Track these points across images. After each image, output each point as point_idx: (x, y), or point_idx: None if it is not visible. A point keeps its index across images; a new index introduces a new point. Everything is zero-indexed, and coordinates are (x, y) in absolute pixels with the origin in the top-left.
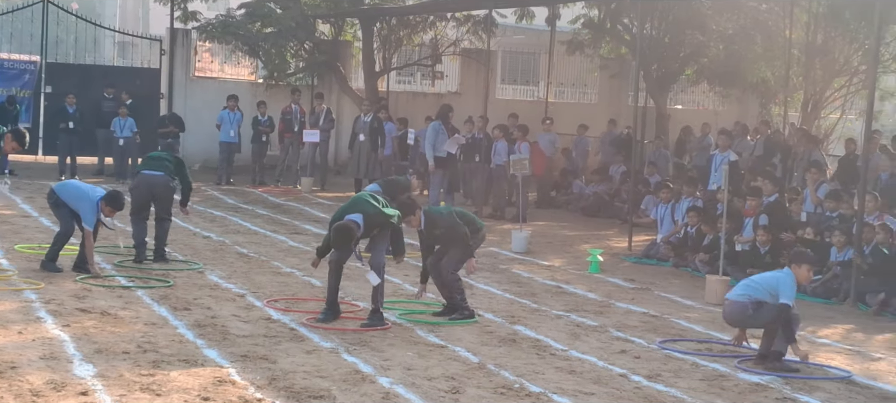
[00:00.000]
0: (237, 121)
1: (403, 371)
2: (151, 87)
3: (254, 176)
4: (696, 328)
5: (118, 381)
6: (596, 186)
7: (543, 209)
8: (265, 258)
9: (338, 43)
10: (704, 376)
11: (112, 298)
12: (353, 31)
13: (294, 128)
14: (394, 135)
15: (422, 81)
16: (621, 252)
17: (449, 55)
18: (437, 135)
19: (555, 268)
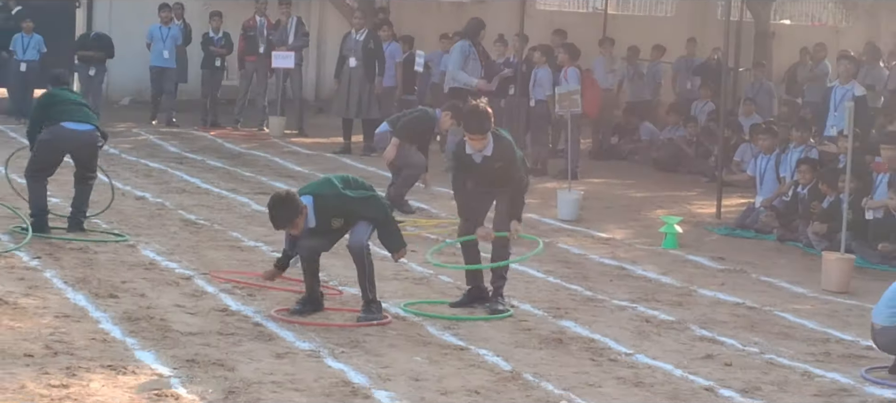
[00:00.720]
0: (173, 37)
1: (409, 382)
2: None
3: (205, 114)
4: (807, 324)
5: (17, 395)
6: (673, 130)
7: (601, 161)
8: (220, 226)
9: None
10: (820, 390)
11: (11, 281)
12: None
13: (259, 50)
14: (397, 60)
15: None
16: (708, 220)
17: None
18: (465, 59)
19: (616, 243)
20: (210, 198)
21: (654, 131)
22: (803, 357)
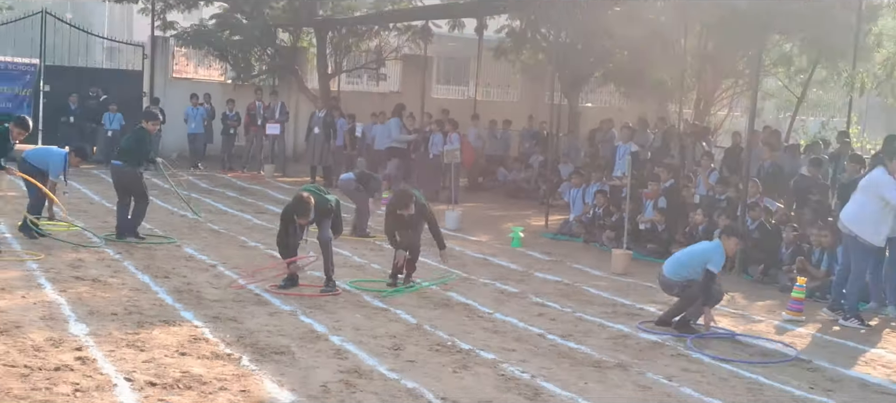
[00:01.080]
0: (201, 115)
1: (353, 330)
2: (135, 88)
3: (223, 163)
4: (603, 294)
5: (108, 339)
6: (517, 173)
7: (472, 192)
8: (233, 233)
9: (296, 49)
10: (610, 335)
11: (102, 267)
12: (309, 39)
13: (258, 122)
14: (344, 129)
15: (368, 82)
16: (539, 229)
17: (391, 59)
18: (399, 128)
19: (482, 243)
20: (226, 216)
21: (505, 174)
22: (600, 315)
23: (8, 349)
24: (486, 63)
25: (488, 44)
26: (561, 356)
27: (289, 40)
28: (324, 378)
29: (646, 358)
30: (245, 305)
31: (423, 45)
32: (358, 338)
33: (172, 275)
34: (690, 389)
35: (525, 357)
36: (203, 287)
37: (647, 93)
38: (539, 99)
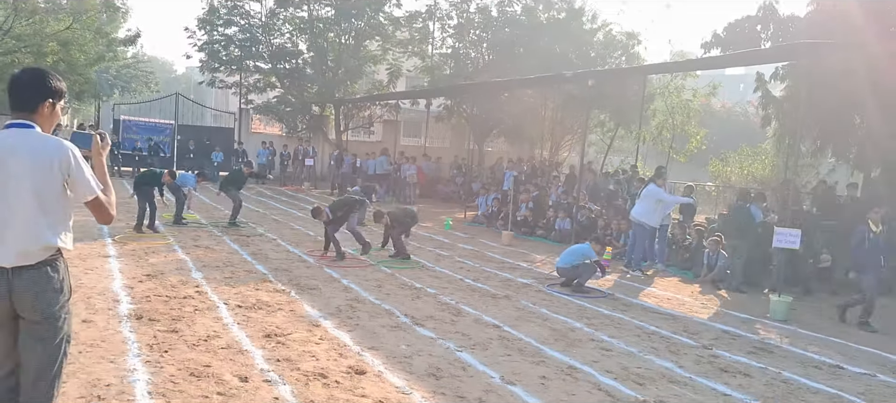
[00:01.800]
0: (267, 153)
1: (354, 277)
2: (230, 138)
3: (281, 181)
4: (497, 256)
5: (214, 280)
6: (448, 188)
7: (423, 198)
8: (286, 221)
9: (322, 116)
10: (500, 280)
11: (210, 240)
12: (330, 110)
13: (300, 157)
14: (349, 162)
15: (363, 134)
16: (461, 220)
17: (377, 122)
18: (384, 162)
19: (428, 228)
20: (282, 212)
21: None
22: (495, 268)
23: (155, 286)
24: (431, 124)
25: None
26: (473, 291)
27: (318, 111)
28: (338, 303)
29: (521, 294)
30: (293, 262)
31: (395, 113)
32: (357, 282)
33: (251, 244)
34: (546, 309)
35: (452, 292)
36: (269, 252)
37: (523, 142)
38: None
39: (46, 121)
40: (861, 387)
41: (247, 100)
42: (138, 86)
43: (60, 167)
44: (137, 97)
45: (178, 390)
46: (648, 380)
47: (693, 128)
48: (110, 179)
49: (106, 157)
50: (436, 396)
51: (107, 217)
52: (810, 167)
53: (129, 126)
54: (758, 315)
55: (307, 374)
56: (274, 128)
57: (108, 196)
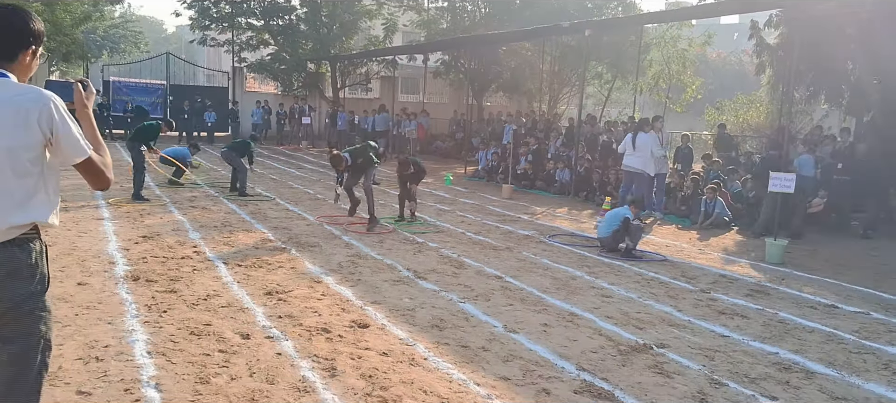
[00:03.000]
0: (260, 113)
1: (355, 234)
2: (224, 97)
3: (277, 140)
4: (497, 209)
5: (212, 240)
6: (448, 143)
7: (423, 154)
8: (284, 180)
9: (318, 73)
10: (502, 232)
11: (207, 201)
12: (326, 67)
13: (296, 116)
14: (347, 119)
15: (360, 92)
16: (461, 175)
17: (373, 78)
18: (385, 120)
19: (428, 183)
20: (280, 170)
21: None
22: (495, 221)
23: (152, 247)
24: (429, 80)
25: (430, 69)
26: (474, 244)
27: (314, 68)
28: (339, 260)
29: (522, 245)
30: (292, 220)
31: (392, 70)
32: (358, 238)
33: (249, 204)
34: (547, 260)
35: (454, 245)
36: (268, 211)
37: (522, 96)
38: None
39: (24, 71)
40: (855, 325)
41: (240, 58)
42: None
43: (40, 122)
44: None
45: (179, 349)
46: (648, 324)
47: (689, 77)
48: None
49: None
50: (439, 347)
51: (103, 181)
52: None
53: (120, 87)
54: (754, 259)
55: (310, 329)
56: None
57: (102, 155)
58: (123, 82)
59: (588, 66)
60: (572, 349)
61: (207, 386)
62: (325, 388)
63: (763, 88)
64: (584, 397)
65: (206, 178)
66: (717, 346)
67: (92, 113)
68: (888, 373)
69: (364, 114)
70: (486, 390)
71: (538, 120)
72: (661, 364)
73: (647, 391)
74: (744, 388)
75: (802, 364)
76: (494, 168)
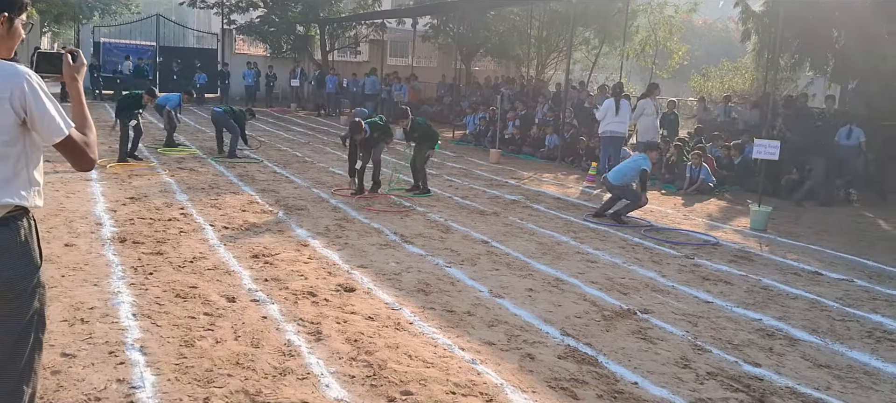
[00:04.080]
0: (252, 74)
1: (342, 198)
2: (213, 59)
3: (267, 103)
4: (485, 174)
5: (199, 202)
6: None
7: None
8: (273, 142)
9: (307, 36)
10: (488, 197)
11: (195, 162)
12: (315, 30)
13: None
14: (334, 81)
15: (349, 54)
16: (449, 139)
17: (363, 41)
18: (374, 84)
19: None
20: (269, 133)
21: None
22: (483, 186)
23: (139, 208)
24: (418, 44)
25: (419, 33)
26: (461, 208)
27: (303, 31)
28: (326, 223)
29: (508, 210)
30: (280, 183)
31: (381, 33)
32: (346, 202)
33: (237, 166)
34: (533, 225)
35: (441, 210)
36: (255, 173)
37: (510, 61)
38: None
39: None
40: (839, 292)
41: (229, 20)
42: (119, 7)
43: (13, 101)
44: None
45: (164, 311)
46: (632, 290)
47: (675, 44)
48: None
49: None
50: (425, 311)
51: (86, 162)
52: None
53: (110, 49)
54: (738, 226)
55: (296, 293)
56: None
57: (86, 135)
58: (114, 44)
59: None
60: (557, 314)
61: (192, 349)
62: (311, 352)
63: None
64: (568, 362)
65: (195, 141)
66: (701, 312)
67: (82, 86)
68: (871, 341)
69: (352, 77)
70: (471, 354)
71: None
72: (644, 330)
73: (630, 356)
74: (727, 355)
75: (786, 331)
76: (482, 132)
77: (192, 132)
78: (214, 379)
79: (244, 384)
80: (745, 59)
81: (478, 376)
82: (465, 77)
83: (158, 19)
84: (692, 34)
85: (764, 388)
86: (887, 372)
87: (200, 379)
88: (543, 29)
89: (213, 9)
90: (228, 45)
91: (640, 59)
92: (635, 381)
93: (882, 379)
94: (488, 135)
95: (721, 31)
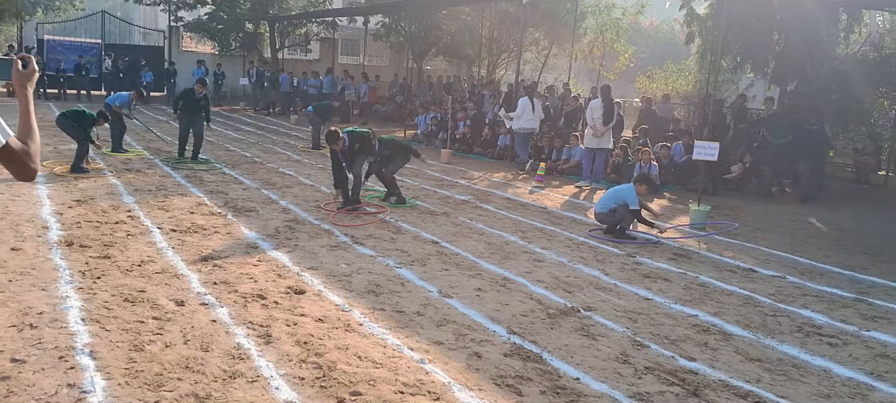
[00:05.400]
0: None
1: (292, 198)
2: (160, 56)
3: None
4: (436, 174)
5: (146, 205)
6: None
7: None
8: (221, 142)
9: (256, 33)
10: (439, 197)
11: (142, 164)
12: (264, 27)
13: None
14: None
15: (299, 53)
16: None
17: (313, 39)
18: (331, 82)
19: None
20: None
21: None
22: (433, 186)
23: (86, 211)
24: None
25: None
26: (412, 209)
27: (252, 28)
28: (276, 225)
29: (459, 210)
30: (229, 184)
31: (332, 31)
32: (296, 203)
33: (185, 168)
34: (482, 225)
35: (392, 210)
36: (203, 174)
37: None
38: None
39: None
40: (772, 288)
41: (176, 17)
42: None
43: None
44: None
45: (113, 316)
46: (577, 288)
47: (622, 45)
48: (34, 111)
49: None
50: (375, 312)
51: (26, 172)
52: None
53: (54, 46)
54: (678, 223)
55: (245, 296)
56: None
57: (27, 144)
58: (58, 41)
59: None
60: (504, 312)
61: (142, 354)
62: (260, 355)
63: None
64: (514, 359)
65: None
66: (641, 309)
67: (31, 94)
68: (801, 335)
69: (303, 75)
70: (420, 354)
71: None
72: (587, 327)
73: (573, 353)
74: (664, 350)
75: (720, 327)
76: (433, 132)
77: (139, 133)
78: (164, 383)
79: (194, 387)
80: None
81: (426, 375)
82: (418, 76)
83: (104, 16)
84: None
85: (698, 382)
86: (815, 365)
87: (150, 383)
88: (494, 29)
89: (159, 5)
90: (176, 42)
91: (588, 61)
92: (577, 377)
93: (810, 372)
94: (439, 135)
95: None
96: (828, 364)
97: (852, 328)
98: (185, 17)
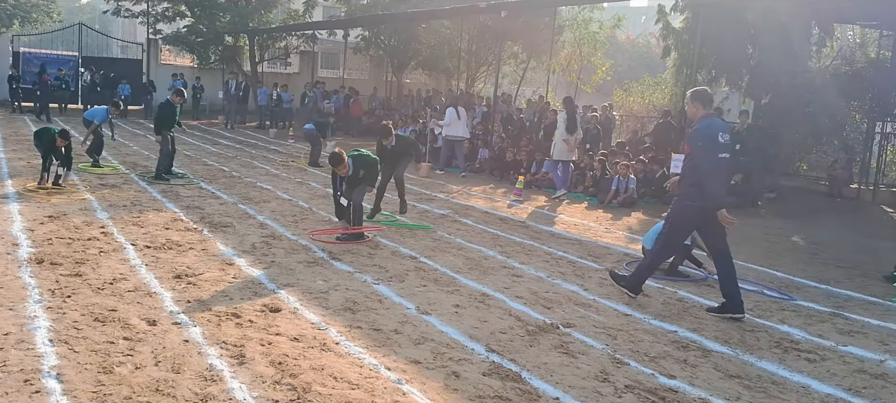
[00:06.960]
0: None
1: (270, 212)
2: (138, 70)
3: (194, 115)
4: (414, 188)
5: (120, 221)
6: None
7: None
8: (198, 156)
9: (236, 47)
10: (418, 211)
11: (117, 179)
12: (244, 40)
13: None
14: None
15: (279, 66)
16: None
17: (293, 52)
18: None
19: None
20: (195, 147)
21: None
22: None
23: (58, 228)
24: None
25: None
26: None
27: (231, 41)
28: (252, 240)
29: (437, 224)
30: (205, 199)
31: (312, 45)
32: (273, 218)
33: (161, 183)
34: (461, 240)
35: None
36: (180, 189)
37: (440, 73)
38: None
39: None
40: (750, 303)
41: (155, 29)
42: (39, 16)
43: None
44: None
45: (82, 336)
46: (556, 304)
47: (599, 59)
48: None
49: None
50: (352, 330)
51: None
52: None
53: (30, 59)
54: None
55: (219, 314)
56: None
57: None
58: (34, 54)
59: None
60: (482, 330)
61: (111, 376)
62: (233, 377)
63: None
64: (493, 378)
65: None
66: (620, 325)
67: None
68: (779, 351)
69: (283, 89)
70: (397, 374)
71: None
72: (566, 344)
73: (552, 371)
74: (643, 367)
75: (700, 343)
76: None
77: (115, 147)
78: None
79: None
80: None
81: (403, 396)
82: (397, 89)
83: (81, 28)
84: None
85: (678, 400)
86: (794, 381)
87: None
88: (473, 42)
89: (138, 18)
90: (154, 55)
91: (565, 74)
92: (556, 396)
93: (788, 388)
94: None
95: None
96: (806, 381)
97: (830, 343)
98: (163, 29)
